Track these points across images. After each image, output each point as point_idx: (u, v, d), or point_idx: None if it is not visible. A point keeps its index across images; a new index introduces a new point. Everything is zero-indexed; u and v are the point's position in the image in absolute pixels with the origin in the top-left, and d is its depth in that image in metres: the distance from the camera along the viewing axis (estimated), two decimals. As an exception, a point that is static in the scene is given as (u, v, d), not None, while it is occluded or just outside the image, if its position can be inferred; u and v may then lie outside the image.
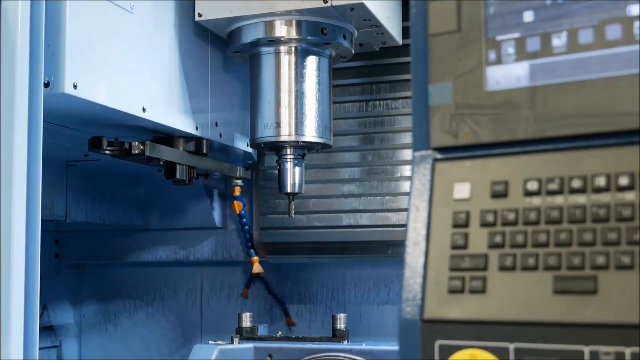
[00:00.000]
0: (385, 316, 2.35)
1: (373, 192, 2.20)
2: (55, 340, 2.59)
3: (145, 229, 2.48)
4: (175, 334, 2.55)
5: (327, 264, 2.41)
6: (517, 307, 0.94)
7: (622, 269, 0.89)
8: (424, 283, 1.00)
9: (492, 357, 0.94)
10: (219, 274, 2.53)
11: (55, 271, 2.56)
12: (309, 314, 2.43)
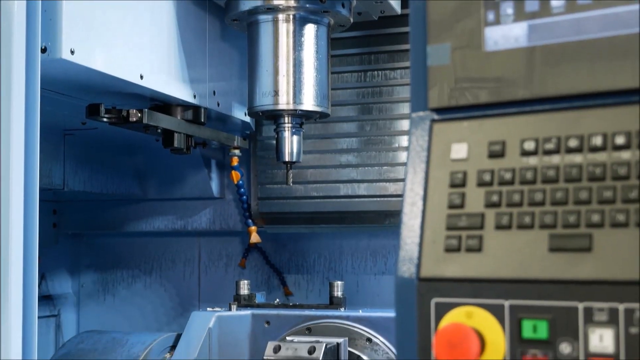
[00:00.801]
0: (382, 286, 2.36)
1: (371, 162, 2.20)
2: (54, 309, 2.60)
3: (143, 198, 2.48)
4: (173, 303, 2.57)
5: (324, 234, 2.42)
6: (512, 265, 0.95)
7: (617, 226, 0.90)
8: (421, 242, 1.01)
9: (488, 314, 0.95)
10: (216, 244, 2.54)
11: (53, 241, 2.57)
12: (307, 284, 2.45)
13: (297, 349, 1.68)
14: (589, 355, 0.90)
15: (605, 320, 0.89)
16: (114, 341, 1.87)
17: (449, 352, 0.94)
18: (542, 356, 0.92)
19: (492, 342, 0.95)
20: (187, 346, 1.84)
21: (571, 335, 0.91)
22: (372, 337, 1.81)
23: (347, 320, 1.84)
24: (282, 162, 1.99)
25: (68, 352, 1.87)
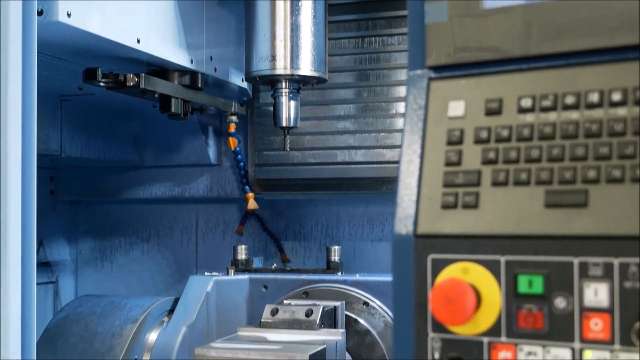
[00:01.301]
0: (379, 253, 2.38)
1: (368, 128, 2.21)
2: (52, 276, 2.61)
3: (140, 165, 2.48)
4: (170, 270, 2.58)
5: (321, 201, 2.43)
6: (508, 221, 0.95)
7: (613, 182, 0.91)
8: (418, 199, 1.01)
9: (484, 269, 0.96)
10: (214, 211, 2.55)
11: (50, 207, 2.57)
12: (304, 251, 2.46)
13: (295, 312, 1.69)
14: (584, 310, 0.91)
15: (600, 275, 0.90)
16: (112, 305, 1.88)
17: (446, 307, 0.95)
18: (537, 311, 0.93)
19: (488, 298, 0.96)
20: (185, 310, 1.86)
21: (566, 290, 0.92)
22: (369, 301, 1.83)
23: (344, 285, 1.86)
24: (280, 128, 1.99)
25: (67, 315, 1.88)
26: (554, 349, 0.92)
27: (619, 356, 0.89)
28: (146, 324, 1.83)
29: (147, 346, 1.84)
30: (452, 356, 0.98)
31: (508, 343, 0.95)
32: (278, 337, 1.66)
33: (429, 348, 0.99)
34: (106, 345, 1.77)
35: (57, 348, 1.80)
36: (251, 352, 1.53)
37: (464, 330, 0.97)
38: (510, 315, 0.95)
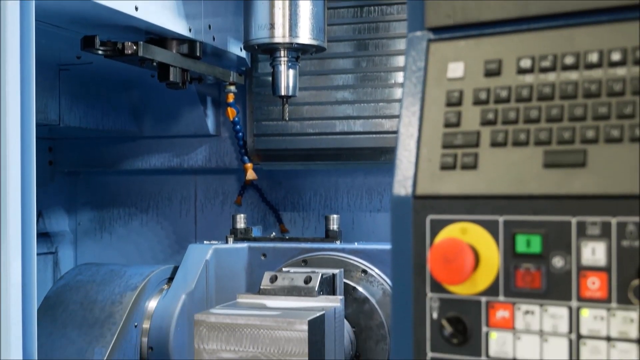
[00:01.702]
0: (377, 223, 2.39)
1: (367, 98, 2.20)
2: (51, 246, 2.62)
3: (139, 136, 2.48)
4: (169, 240, 2.59)
5: (320, 172, 2.43)
6: (507, 182, 0.96)
7: (611, 142, 0.91)
8: (417, 161, 1.02)
9: (482, 229, 0.97)
10: (212, 181, 2.55)
11: (49, 178, 2.58)
12: (302, 221, 2.47)
13: (294, 279, 1.70)
14: (581, 269, 0.92)
15: (597, 234, 0.90)
16: (112, 273, 1.89)
17: (444, 267, 0.95)
18: (535, 270, 0.94)
19: (486, 257, 0.96)
20: (184, 278, 1.87)
21: (564, 249, 0.92)
22: (367, 269, 1.83)
23: (343, 253, 1.86)
24: (278, 97, 1.98)
25: (66, 283, 1.89)
26: (552, 308, 0.93)
27: (616, 314, 0.90)
28: (146, 292, 1.84)
29: (146, 313, 1.85)
30: (450, 316, 0.98)
31: (506, 302, 0.96)
32: (277, 303, 1.67)
33: (428, 308, 1.00)
34: (106, 312, 1.78)
35: (58, 315, 1.81)
36: (250, 317, 1.54)
37: (462, 290, 0.98)
38: (508, 274, 0.95)
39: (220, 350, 1.55)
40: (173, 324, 1.81)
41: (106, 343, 1.72)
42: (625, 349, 0.89)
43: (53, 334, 1.77)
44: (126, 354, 1.77)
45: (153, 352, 1.83)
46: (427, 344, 1.00)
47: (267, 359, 1.52)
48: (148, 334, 1.83)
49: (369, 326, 1.81)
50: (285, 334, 1.51)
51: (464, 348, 0.98)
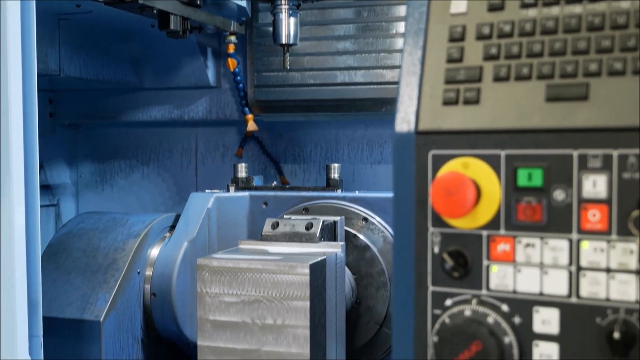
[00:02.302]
0: (377, 175, 2.39)
1: (368, 49, 2.20)
2: (53, 199, 2.63)
3: (139, 87, 2.48)
4: (170, 192, 2.60)
5: (320, 124, 2.43)
6: (509, 116, 0.96)
7: (614, 75, 0.91)
8: (419, 97, 1.02)
9: (484, 164, 0.97)
10: (213, 133, 2.55)
11: (50, 130, 2.58)
12: (303, 173, 2.47)
13: (295, 225, 1.71)
14: (582, 201, 0.92)
15: (599, 167, 0.91)
16: (114, 221, 1.90)
17: (446, 200, 0.96)
18: (536, 203, 0.94)
19: (488, 192, 0.97)
20: (186, 225, 1.88)
21: (565, 182, 0.93)
22: (368, 217, 1.84)
23: (344, 201, 1.87)
24: (279, 45, 1.98)
25: (69, 231, 1.90)
26: (552, 241, 0.94)
27: (616, 246, 0.90)
28: (148, 239, 1.86)
29: (149, 261, 1.86)
30: (451, 250, 0.99)
31: (507, 236, 0.96)
32: (279, 249, 1.68)
33: (429, 243, 1.01)
34: (109, 259, 1.80)
35: (61, 262, 1.83)
36: (252, 262, 1.55)
37: (464, 224, 0.98)
38: (509, 208, 0.96)
39: (222, 294, 1.56)
40: (175, 271, 1.83)
41: (109, 289, 1.74)
42: (625, 280, 0.90)
43: (57, 280, 1.79)
44: (129, 300, 1.79)
45: (156, 298, 1.85)
46: (429, 278, 1.01)
47: (269, 303, 1.53)
48: (151, 280, 1.85)
49: (370, 273, 1.83)
50: (287, 278, 1.53)
51: (465, 281, 0.99)
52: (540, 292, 0.95)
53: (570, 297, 0.93)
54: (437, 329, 0.99)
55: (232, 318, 1.56)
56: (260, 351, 1.55)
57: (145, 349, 1.89)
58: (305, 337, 1.52)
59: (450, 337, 0.97)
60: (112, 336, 1.74)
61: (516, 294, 0.96)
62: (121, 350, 1.78)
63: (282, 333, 1.54)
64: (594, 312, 0.92)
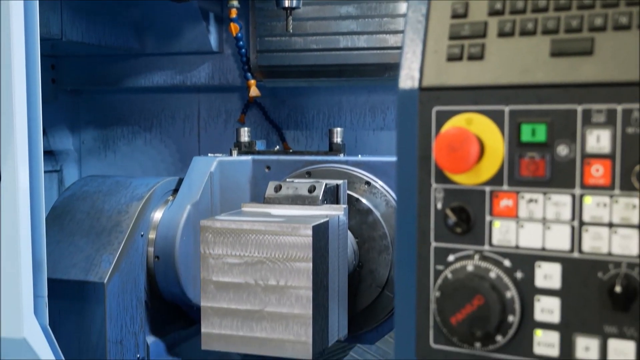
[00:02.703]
0: (380, 141, 2.39)
1: (371, 13, 2.18)
2: (56, 165, 2.63)
3: (141, 53, 2.47)
4: (173, 159, 2.60)
5: (323, 90, 2.43)
6: (513, 71, 0.96)
7: (619, 29, 0.91)
8: (423, 53, 1.02)
9: (487, 120, 0.97)
10: (215, 100, 2.55)
11: (52, 96, 2.57)
12: (305, 140, 2.47)
13: (298, 188, 1.71)
14: (586, 156, 0.93)
15: (603, 122, 0.91)
16: (117, 184, 1.91)
17: (449, 156, 0.96)
18: (539, 158, 0.95)
19: (491, 147, 0.97)
20: (189, 189, 1.88)
21: (569, 138, 0.93)
22: (370, 181, 1.84)
23: (346, 165, 1.87)
24: (282, 9, 1.97)
25: (73, 194, 1.91)
26: (555, 196, 0.94)
27: (619, 200, 0.91)
28: (151, 202, 1.86)
29: (152, 224, 1.87)
30: (454, 206, 1.00)
31: (510, 191, 0.97)
32: (281, 211, 1.69)
33: (432, 199, 1.01)
34: (113, 221, 1.80)
35: (65, 224, 1.83)
36: (255, 223, 1.56)
37: (467, 180, 0.99)
38: (512, 163, 0.96)
39: (225, 256, 1.57)
40: (179, 234, 1.84)
41: (113, 250, 1.75)
42: (627, 235, 0.91)
43: (61, 242, 1.80)
44: (133, 262, 1.80)
45: (159, 261, 1.86)
46: (431, 234, 1.02)
47: (272, 264, 1.54)
48: (154, 243, 1.86)
49: (372, 237, 1.83)
50: (290, 239, 1.53)
51: (467, 237, 1.00)
52: (542, 247, 0.96)
53: (572, 252, 0.94)
54: (440, 284, 1.00)
55: (235, 279, 1.57)
56: (263, 312, 1.56)
57: (149, 311, 1.90)
58: (307, 298, 1.54)
59: (453, 292, 0.98)
60: (116, 297, 1.75)
61: (518, 249, 0.97)
62: (125, 312, 1.79)
63: (284, 294, 1.55)
64: (596, 267, 0.93)
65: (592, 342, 0.93)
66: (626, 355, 0.91)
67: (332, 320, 1.65)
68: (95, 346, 1.75)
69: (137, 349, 1.85)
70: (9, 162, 1.48)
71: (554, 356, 0.95)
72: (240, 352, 1.65)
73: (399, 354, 1.06)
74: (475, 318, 0.96)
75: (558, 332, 0.95)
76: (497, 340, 0.97)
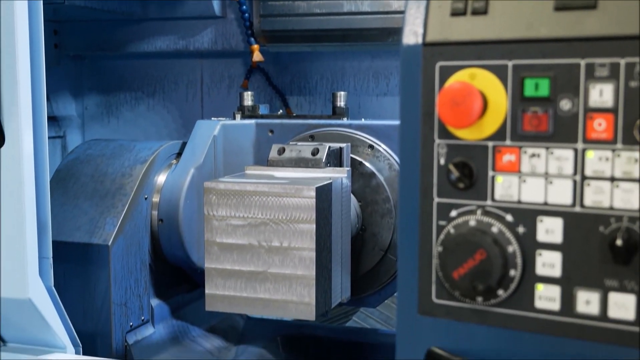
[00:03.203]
0: (383, 107, 2.39)
1: (374, -23, 2.17)
2: (59, 130, 2.64)
3: (144, 18, 2.46)
4: (176, 125, 2.60)
5: (326, 55, 2.42)
6: (517, 26, 0.96)
7: (624, -18, 0.90)
8: (427, 8, 1.01)
9: (491, 74, 0.97)
10: (218, 65, 2.54)
11: (55, 62, 2.57)
12: (309, 105, 2.47)
13: (301, 151, 1.72)
14: (588, 111, 0.93)
15: (606, 75, 0.91)
16: (121, 147, 1.91)
17: (452, 110, 0.96)
18: (542, 113, 0.95)
19: (494, 102, 0.97)
20: (192, 152, 1.89)
21: (572, 92, 0.93)
22: (374, 145, 1.85)
23: (350, 129, 1.88)
24: (285, -28, 1.96)
25: (77, 157, 1.91)
26: (557, 150, 0.95)
27: (621, 154, 0.91)
28: (155, 165, 1.87)
29: (156, 187, 1.87)
30: (457, 161, 1.00)
31: (512, 146, 0.97)
32: (285, 174, 1.69)
33: (435, 154, 1.02)
34: (117, 184, 1.81)
35: (69, 187, 1.84)
36: (259, 185, 1.56)
37: (470, 135, 0.99)
38: (515, 118, 0.96)
39: (229, 217, 1.58)
40: (182, 197, 1.84)
41: (117, 213, 1.76)
42: (629, 189, 0.91)
43: (65, 204, 1.81)
44: (137, 225, 1.81)
45: (163, 224, 1.87)
46: (434, 190, 1.02)
47: (275, 225, 1.55)
48: (158, 206, 1.87)
49: (375, 200, 1.84)
50: (294, 201, 1.54)
51: (470, 192, 1.00)
52: (544, 201, 0.96)
53: (574, 207, 0.94)
54: (442, 239, 1.01)
55: (239, 240, 1.58)
56: (266, 273, 1.57)
57: (153, 274, 1.92)
58: (311, 259, 1.55)
59: (455, 246, 0.99)
60: (121, 260, 1.76)
61: (520, 204, 0.98)
62: (129, 275, 1.80)
63: (288, 255, 1.56)
64: (598, 221, 0.93)
65: (593, 295, 0.94)
66: (626, 308, 0.92)
67: (335, 282, 1.66)
68: (99, 308, 1.77)
69: (141, 312, 1.86)
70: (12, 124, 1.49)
71: (555, 310, 0.96)
72: (244, 313, 1.66)
73: (401, 310, 1.07)
74: (477, 272, 0.97)
75: (559, 286, 0.96)
76: (498, 295, 0.98)
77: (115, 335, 1.77)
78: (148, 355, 1.85)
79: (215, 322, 2.12)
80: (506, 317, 0.99)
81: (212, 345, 2.04)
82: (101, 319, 1.77)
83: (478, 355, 1.01)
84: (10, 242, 1.49)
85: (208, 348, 2.02)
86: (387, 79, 2.39)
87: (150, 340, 1.88)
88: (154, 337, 1.90)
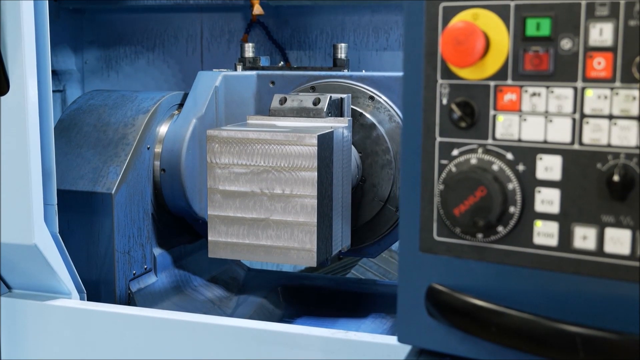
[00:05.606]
0: (384, 62, 2.40)
1: None
2: (59, 84, 2.65)
3: (144, -29, 2.46)
4: (176, 79, 2.61)
5: (326, 10, 2.42)
6: (520, -34, 0.97)
7: None
8: (431, -51, 1.03)
9: (493, 15, 0.99)
10: (218, 19, 2.54)
11: (54, 15, 2.56)
12: (308, 60, 2.48)
13: (303, 101, 1.73)
14: (588, 49, 0.94)
15: (606, 15, 0.93)
16: (123, 97, 1.92)
17: (455, 49, 0.98)
18: (543, 52, 0.97)
19: (496, 42, 0.99)
20: (194, 103, 1.90)
21: (572, 31, 0.95)
22: (374, 96, 1.86)
23: (350, 80, 1.89)
24: None
25: (79, 107, 1.93)
26: (557, 89, 0.97)
27: (619, 93, 0.93)
28: (157, 116, 1.88)
29: (158, 137, 1.89)
30: (459, 100, 1.02)
31: (513, 85, 0.99)
32: (287, 123, 1.71)
33: (438, 94, 1.04)
34: (119, 133, 1.83)
35: (72, 137, 1.86)
36: (261, 133, 1.58)
37: (472, 75, 1.01)
38: (517, 58, 0.98)
39: (232, 165, 1.60)
40: (184, 147, 1.86)
41: (120, 162, 1.78)
42: (626, 126, 0.93)
43: (69, 154, 1.83)
44: (140, 174, 1.83)
45: (165, 174, 1.89)
46: (436, 129, 1.04)
47: (277, 173, 1.57)
48: (160, 156, 1.89)
49: (375, 151, 1.86)
50: (296, 149, 1.56)
51: (471, 131, 1.02)
52: (544, 140, 0.98)
53: (572, 144, 0.97)
54: (444, 177, 1.03)
55: (241, 188, 1.60)
56: (268, 220, 1.60)
57: (156, 224, 1.94)
58: (312, 206, 1.57)
59: (456, 184, 1.01)
60: (124, 209, 1.79)
61: (521, 142, 1.00)
62: (132, 223, 1.83)
63: (290, 202, 1.58)
64: (595, 158, 0.95)
65: (590, 231, 0.96)
66: (622, 243, 0.95)
67: (335, 230, 1.69)
68: (103, 256, 1.80)
69: (144, 260, 1.89)
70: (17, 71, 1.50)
71: (553, 245, 0.99)
72: (246, 260, 1.69)
73: (403, 248, 1.10)
74: (477, 209, 0.99)
75: (557, 222, 0.98)
76: (498, 231, 1.01)
77: (119, 282, 1.80)
78: (151, 303, 1.89)
79: (216, 272, 2.16)
80: (505, 253, 1.02)
81: (213, 294, 2.08)
82: (105, 267, 1.80)
83: (478, 291, 1.04)
84: (15, 189, 1.51)
85: (209, 297, 2.05)
86: (387, 34, 2.40)
87: (152, 289, 1.92)
88: (157, 285, 1.93)
